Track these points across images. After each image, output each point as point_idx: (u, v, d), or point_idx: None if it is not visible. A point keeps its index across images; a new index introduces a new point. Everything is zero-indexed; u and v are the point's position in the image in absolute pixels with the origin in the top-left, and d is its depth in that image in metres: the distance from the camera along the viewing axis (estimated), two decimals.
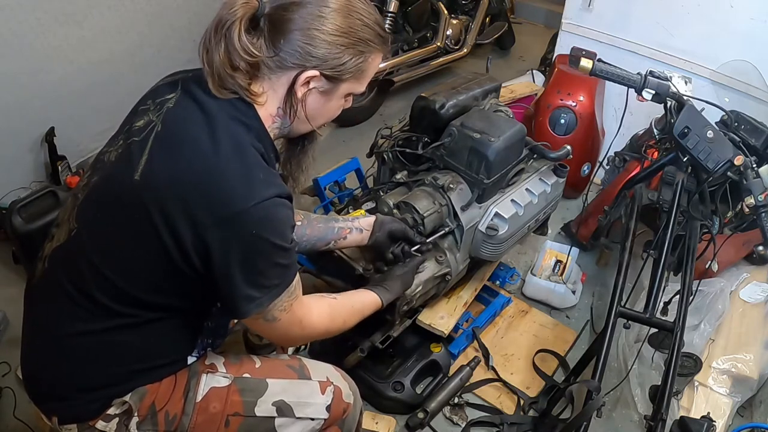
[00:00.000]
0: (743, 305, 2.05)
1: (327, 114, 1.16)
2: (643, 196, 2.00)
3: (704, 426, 1.49)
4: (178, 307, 1.08)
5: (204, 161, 0.98)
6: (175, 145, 1.00)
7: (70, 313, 1.06)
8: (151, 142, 1.02)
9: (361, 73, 1.10)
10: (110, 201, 1.04)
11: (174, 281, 1.03)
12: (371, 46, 1.08)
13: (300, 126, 1.14)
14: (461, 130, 1.69)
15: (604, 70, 1.71)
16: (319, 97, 1.10)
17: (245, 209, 0.96)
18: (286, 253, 1.03)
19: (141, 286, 1.03)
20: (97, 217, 1.06)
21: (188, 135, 1.00)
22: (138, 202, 0.99)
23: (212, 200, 0.96)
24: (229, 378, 1.17)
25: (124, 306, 1.04)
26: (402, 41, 3.30)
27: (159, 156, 1.00)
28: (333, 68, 1.05)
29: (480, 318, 2.07)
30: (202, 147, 0.99)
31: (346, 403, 1.28)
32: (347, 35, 1.04)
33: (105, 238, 1.04)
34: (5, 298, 2.03)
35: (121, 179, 1.02)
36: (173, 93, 1.07)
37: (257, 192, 0.97)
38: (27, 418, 1.66)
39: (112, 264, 1.03)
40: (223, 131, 1.00)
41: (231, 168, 0.98)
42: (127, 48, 2.55)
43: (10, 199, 2.11)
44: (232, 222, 0.96)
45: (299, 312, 1.12)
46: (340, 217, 1.56)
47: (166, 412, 1.11)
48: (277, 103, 1.08)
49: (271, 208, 0.99)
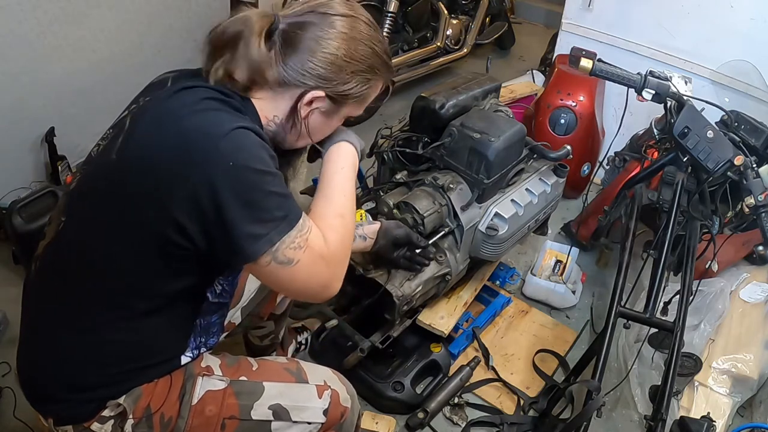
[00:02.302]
0: (743, 305, 2.05)
1: (324, 132, 1.18)
2: (643, 196, 2.00)
3: (704, 426, 1.49)
4: (169, 295, 1.06)
5: (171, 124, 0.98)
6: (148, 120, 1.01)
7: (62, 311, 1.06)
8: (128, 123, 1.03)
9: (363, 99, 1.13)
10: (92, 188, 1.05)
11: (164, 258, 1.00)
12: (378, 74, 1.12)
13: (296, 140, 1.15)
14: (461, 130, 1.69)
15: (604, 70, 1.71)
16: (321, 117, 1.12)
17: (214, 146, 0.94)
18: (275, 179, 0.98)
19: (131, 270, 1.01)
20: (83, 206, 1.06)
21: (163, 109, 1.01)
22: (116, 179, 1.00)
23: (181, 153, 0.95)
24: (225, 381, 1.16)
25: (114, 297, 1.03)
26: (402, 41, 3.30)
27: (133, 133, 1.01)
28: (339, 92, 1.08)
29: (480, 318, 2.07)
30: (173, 114, 0.99)
31: (343, 407, 1.27)
32: (357, 62, 1.07)
33: (91, 226, 1.04)
34: (5, 298, 2.03)
35: (102, 163, 1.03)
36: (164, 88, 1.08)
37: (222, 128, 0.96)
38: (27, 418, 1.66)
39: (100, 251, 1.02)
40: (202, 105, 0.99)
41: (195, 118, 0.97)
42: (127, 48, 2.55)
43: (10, 199, 2.11)
44: (207, 162, 0.94)
45: (318, 246, 1.02)
46: None
47: (162, 414, 1.10)
48: (275, 112, 1.09)
49: (240, 136, 0.96)
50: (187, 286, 1.08)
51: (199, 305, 1.16)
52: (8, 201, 2.09)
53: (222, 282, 1.19)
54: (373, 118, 3.30)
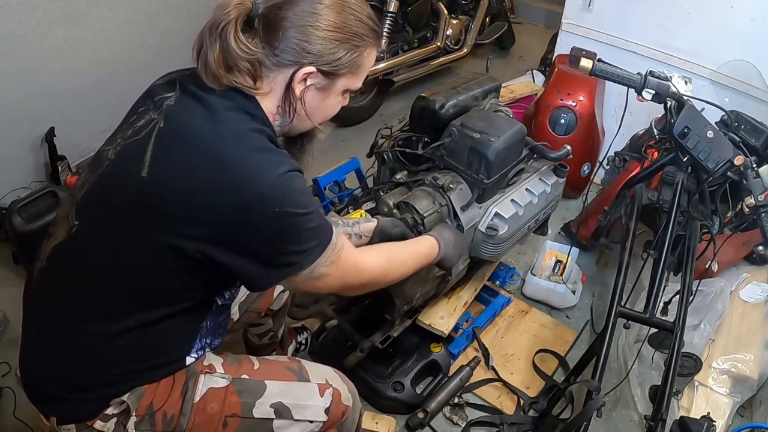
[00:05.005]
0: (743, 305, 2.05)
1: (326, 111, 1.17)
2: (643, 196, 2.00)
3: (704, 426, 1.49)
4: (179, 303, 1.07)
5: (214, 153, 0.98)
6: (179, 142, 1.00)
7: (68, 312, 1.06)
8: (154, 140, 1.01)
9: (357, 68, 1.11)
10: (115, 198, 1.04)
11: (181, 274, 1.02)
12: (365, 40, 1.09)
13: (300, 123, 1.15)
14: (461, 130, 1.69)
15: (604, 70, 1.71)
16: (317, 94, 1.11)
17: (263, 190, 0.97)
18: (312, 216, 1.04)
19: (145, 281, 1.03)
20: (100, 214, 1.06)
21: (192, 131, 1.01)
22: (146, 198, 0.99)
23: (226, 190, 0.96)
24: (227, 379, 1.16)
25: (125, 303, 1.04)
26: (402, 41, 3.30)
27: (164, 153, 1.00)
28: (329, 64, 1.06)
29: (480, 318, 2.07)
30: (207, 141, 0.99)
31: (344, 405, 1.28)
32: (341, 30, 1.05)
33: (109, 234, 1.03)
34: (5, 298, 2.03)
35: (127, 176, 1.02)
36: (172, 91, 1.07)
37: (270, 171, 0.98)
38: (27, 418, 1.66)
39: (117, 260, 1.02)
40: (226, 122, 1.01)
41: (239, 155, 0.98)
42: (127, 48, 2.55)
43: (10, 199, 2.11)
44: (254, 205, 0.97)
45: (350, 260, 1.15)
46: (340, 221, 1.56)
47: (164, 412, 1.10)
48: (276, 101, 1.09)
49: (287, 182, 1.00)
50: (199, 296, 1.10)
51: (208, 311, 1.17)
52: (8, 201, 2.09)
53: (233, 289, 1.21)
54: (373, 118, 3.31)
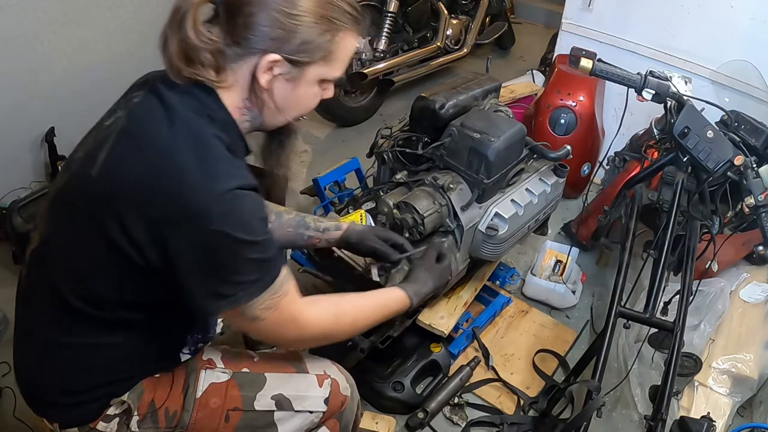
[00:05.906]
0: (743, 305, 2.05)
1: (299, 103, 1.08)
2: (643, 196, 2.00)
3: (704, 426, 1.49)
4: (150, 306, 1.05)
5: (161, 158, 0.93)
6: (133, 142, 0.97)
7: (51, 318, 1.04)
8: (113, 139, 0.98)
9: (329, 55, 1.02)
10: (72, 200, 1.01)
11: (138, 279, 0.99)
12: (337, 23, 1.01)
13: (272, 118, 1.08)
14: (461, 130, 1.69)
15: (604, 70, 1.71)
16: (286, 84, 1.03)
17: (204, 204, 0.91)
18: (258, 246, 0.96)
19: (111, 285, 1.00)
20: (63, 217, 1.03)
21: (147, 131, 0.97)
22: (94, 199, 0.96)
23: (170, 198, 0.91)
24: (227, 373, 1.17)
25: (100, 308, 1.01)
26: (402, 41, 3.30)
27: (117, 152, 0.97)
28: (295, 51, 0.99)
29: (480, 318, 2.07)
30: (159, 142, 0.94)
31: (343, 395, 1.29)
32: (308, 14, 0.97)
33: (71, 238, 1.01)
34: (5, 298, 2.02)
35: (81, 176, 0.99)
36: (141, 90, 1.04)
37: (217, 185, 0.92)
38: (27, 418, 1.66)
39: (81, 265, 1.00)
40: (183, 125, 0.95)
41: (189, 163, 0.92)
42: (127, 48, 2.55)
43: (10, 199, 2.11)
44: (192, 219, 0.91)
45: (290, 310, 1.06)
46: (312, 224, 1.51)
47: (166, 408, 1.11)
48: (242, 94, 1.02)
49: (233, 201, 0.93)
50: (166, 298, 1.03)
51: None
52: (8, 201, 2.10)
53: None
54: (373, 118, 3.31)
